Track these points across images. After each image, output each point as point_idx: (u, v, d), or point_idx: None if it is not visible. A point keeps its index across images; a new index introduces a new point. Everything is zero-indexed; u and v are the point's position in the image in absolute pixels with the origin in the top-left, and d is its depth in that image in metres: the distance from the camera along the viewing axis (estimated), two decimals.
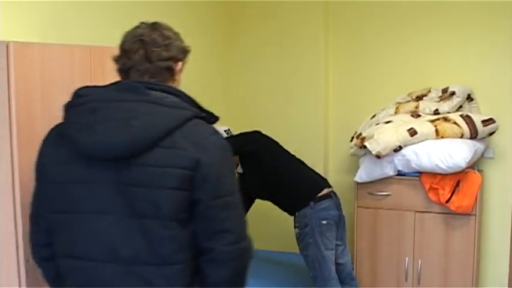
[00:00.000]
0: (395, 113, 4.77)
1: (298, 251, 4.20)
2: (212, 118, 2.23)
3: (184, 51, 2.26)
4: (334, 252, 4.16)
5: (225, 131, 4.48)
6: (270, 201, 4.46)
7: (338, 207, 4.23)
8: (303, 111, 5.28)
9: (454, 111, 4.61)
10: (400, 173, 4.57)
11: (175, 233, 2.01)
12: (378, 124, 4.65)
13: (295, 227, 4.16)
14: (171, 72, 2.20)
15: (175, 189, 1.99)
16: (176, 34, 2.25)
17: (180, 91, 2.15)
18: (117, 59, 2.18)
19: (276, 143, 4.42)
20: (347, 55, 5.26)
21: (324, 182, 4.31)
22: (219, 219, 2.06)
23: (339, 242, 4.24)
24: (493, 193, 4.86)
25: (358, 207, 4.72)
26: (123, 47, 2.17)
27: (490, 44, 4.78)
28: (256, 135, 4.43)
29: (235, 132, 4.58)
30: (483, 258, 4.87)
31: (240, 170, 4.45)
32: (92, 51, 2.83)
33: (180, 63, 2.23)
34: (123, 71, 2.17)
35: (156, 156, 1.98)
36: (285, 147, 4.47)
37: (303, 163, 4.40)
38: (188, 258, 2.06)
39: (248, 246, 2.14)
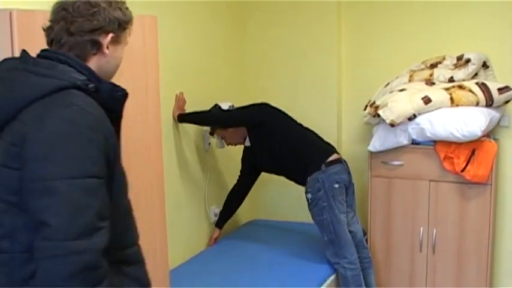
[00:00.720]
0: (409, 81, 4.70)
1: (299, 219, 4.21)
2: (118, 92, 1.95)
3: (118, 22, 1.98)
4: (346, 215, 4.20)
5: (229, 106, 4.48)
6: (278, 172, 4.52)
7: (348, 172, 4.28)
8: (316, 80, 5.21)
9: (469, 79, 4.53)
10: (414, 142, 4.50)
11: (2, 217, 1.81)
12: (391, 92, 4.58)
13: (307, 192, 4.19)
14: (97, 46, 1.95)
15: (2, 166, 1.81)
16: (112, 2, 1.99)
17: (76, 61, 1.90)
18: (44, 30, 2.00)
19: (285, 113, 4.44)
20: (360, 23, 5.16)
21: (333, 148, 4.37)
22: (38, 208, 1.72)
23: (348, 209, 4.28)
24: (509, 162, 4.78)
25: (372, 177, 4.67)
26: (49, 17, 1.98)
27: (507, 9, 4.66)
28: (264, 106, 4.45)
29: None
30: (498, 227, 4.81)
31: (247, 143, 4.44)
32: None
33: (110, 36, 1.97)
34: (47, 43, 2.00)
35: (5, 129, 1.81)
36: (297, 117, 4.50)
37: (311, 131, 4.44)
38: (18, 249, 1.80)
39: (76, 248, 1.68)
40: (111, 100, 1.91)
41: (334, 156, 4.25)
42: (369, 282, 4.37)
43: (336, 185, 4.14)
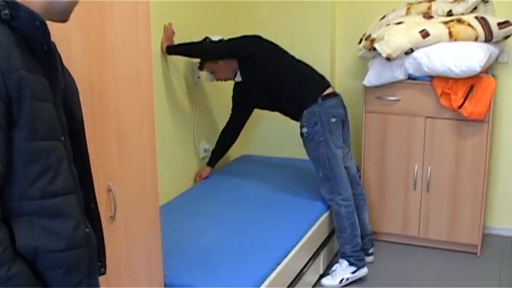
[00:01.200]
0: (406, 14, 4.56)
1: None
2: (37, 21, 1.65)
3: None
4: (342, 151, 4.12)
5: (219, 39, 4.34)
6: (272, 108, 4.41)
7: (344, 106, 4.19)
8: (308, 11, 5.03)
9: (468, 13, 4.40)
10: (410, 77, 4.39)
11: None
12: (388, 25, 4.44)
13: (302, 126, 4.09)
14: None
15: None
16: None
17: None
18: None
19: (277, 46, 4.30)
20: None
21: (327, 82, 4.24)
22: None
23: (343, 145, 4.18)
24: (507, 99, 4.69)
25: (366, 112, 4.57)
26: None
27: None
28: (256, 38, 4.31)
29: None
30: (494, 166, 4.73)
31: (238, 78, 4.32)
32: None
33: None
34: None
35: None
36: (290, 50, 4.35)
37: (305, 64, 4.31)
38: None
39: None
40: (32, 29, 1.65)
41: (329, 90, 4.13)
42: (362, 219, 4.31)
43: (333, 119, 4.03)
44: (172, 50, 4.23)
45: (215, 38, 4.34)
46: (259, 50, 4.23)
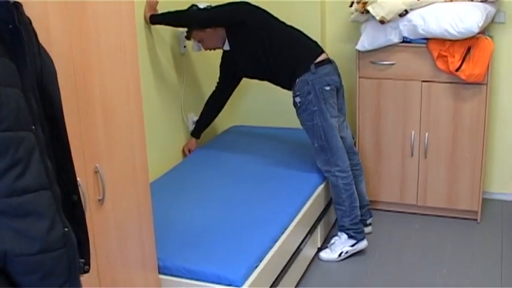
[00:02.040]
0: None
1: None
2: None
3: None
4: (337, 120, 3.97)
5: (207, 6, 4.15)
6: (261, 77, 4.24)
7: (338, 73, 4.02)
8: None
9: None
10: (405, 40, 4.24)
11: None
12: None
13: (295, 96, 3.92)
14: None
15: None
16: None
17: None
18: None
19: (266, 12, 4.11)
20: None
21: (320, 48, 4.06)
22: None
23: (338, 114, 4.03)
24: (504, 60, 4.53)
25: (359, 77, 4.42)
26: None
27: None
28: (244, 4, 4.12)
29: None
30: (492, 129, 4.60)
31: (226, 47, 4.16)
32: None
33: None
34: None
35: None
36: (277, 14, 4.16)
37: (296, 30, 4.12)
38: None
39: None
40: None
41: (323, 56, 3.96)
42: (359, 189, 4.17)
43: (327, 87, 3.86)
44: (156, 19, 4.04)
45: (202, 5, 4.15)
46: (247, 17, 4.04)
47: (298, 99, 3.90)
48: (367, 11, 4.11)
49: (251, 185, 3.92)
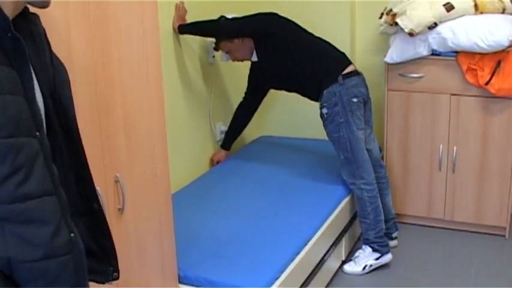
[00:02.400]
0: None
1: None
2: None
3: None
4: (363, 132, 3.95)
5: (233, 17, 4.15)
6: (289, 89, 4.23)
7: (366, 85, 4.00)
8: None
9: None
10: (434, 53, 4.20)
11: None
12: None
13: (322, 107, 3.90)
14: None
15: None
16: None
17: None
18: None
19: (294, 23, 4.11)
20: None
21: (348, 59, 4.05)
22: None
23: (365, 126, 4.01)
24: None
25: (388, 90, 4.39)
26: None
27: None
28: (273, 15, 4.11)
29: None
30: None
31: (254, 58, 4.16)
32: None
33: None
34: None
35: None
36: (307, 26, 4.15)
37: (324, 41, 4.11)
38: None
39: None
40: None
41: (350, 68, 3.94)
42: (386, 203, 4.15)
43: (355, 99, 3.84)
44: (184, 29, 4.07)
45: (230, 16, 4.16)
46: (275, 28, 4.03)
47: (325, 111, 3.88)
48: (396, 23, 4.08)
49: (276, 196, 3.92)
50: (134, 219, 2.57)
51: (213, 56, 4.46)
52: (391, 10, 4.22)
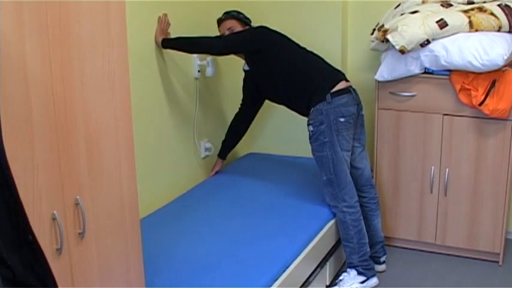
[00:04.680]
0: (423, 2, 4.25)
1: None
2: None
3: None
4: (350, 154, 3.81)
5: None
6: (280, 102, 4.12)
7: (357, 103, 3.87)
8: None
9: (491, 1, 4.09)
10: (427, 71, 4.08)
11: None
12: (402, 15, 4.11)
13: (308, 124, 3.80)
14: None
15: None
16: None
17: None
18: None
19: (285, 36, 4.02)
20: None
21: (341, 75, 3.92)
22: None
23: (356, 144, 3.90)
24: None
25: (379, 109, 4.26)
26: None
27: None
28: (262, 29, 4.02)
29: None
30: None
31: (246, 67, 4.11)
32: None
33: None
34: None
35: None
36: (297, 39, 4.06)
37: (317, 56, 4.01)
38: None
39: None
40: None
41: (341, 85, 3.80)
42: (374, 225, 4.05)
43: (342, 119, 3.71)
44: (168, 44, 3.94)
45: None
46: (263, 44, 3.94)
47: (310, 128, 3.78)
48: (387, 40, 3.96)
49: (258, 217, 3.76)
50: (97, 244, 2.42)
51: (199, 71, 4.32)
52: (382, 26, 4.11)
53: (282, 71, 3.89)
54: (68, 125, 2.20)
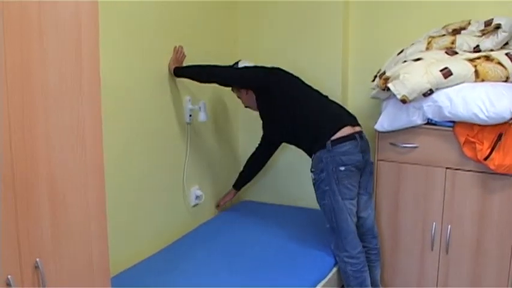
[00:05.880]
0: (427, 48, 4.10)
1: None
2: None
3: None
4: (354, 202, 3.70)
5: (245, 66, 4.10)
6: (291, 142, 4.08)
7: (363, 150, 3.75)
8: (319, 43, 4.61)
9: (498, 49, 3.93)
10: (429, 122, 3.91)
11: None
12: (405, 62, 3.96)
13: (311, 171, 3.73)
14: None
15: None
16: None
17: None
18: None
19: (298, 78, 3.99)
20: None
21: (348, 120, 3.81)
22: None
23: (362, 192, 3.80)
24: None
25: (378, 160, 4.09)
26: None
27: None
28: (274, 70, 4.01)
29: None
30: None
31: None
32: None
33: None
34: None
35: None
36: None
37: (328, 99, 3.97)
38: None
39: None
40: None
41: (345, 131, 3.68)
42: (373, 277, 3.92)
43: (342, 168, 3.60)
44: (181, 72, 3.94)
45: (242, 64, 4.14)
46: (272, 84, 3.90)
47: (312, 176, 3.72)
48: (388, 88, 3.79)
49: (245, 276, 3.49)
50: None
51: (190, 115, 4.16)
52: (384, 73, 3.96)
53: (289, 114, 3.85)
54: (28, 181, 2.01)
